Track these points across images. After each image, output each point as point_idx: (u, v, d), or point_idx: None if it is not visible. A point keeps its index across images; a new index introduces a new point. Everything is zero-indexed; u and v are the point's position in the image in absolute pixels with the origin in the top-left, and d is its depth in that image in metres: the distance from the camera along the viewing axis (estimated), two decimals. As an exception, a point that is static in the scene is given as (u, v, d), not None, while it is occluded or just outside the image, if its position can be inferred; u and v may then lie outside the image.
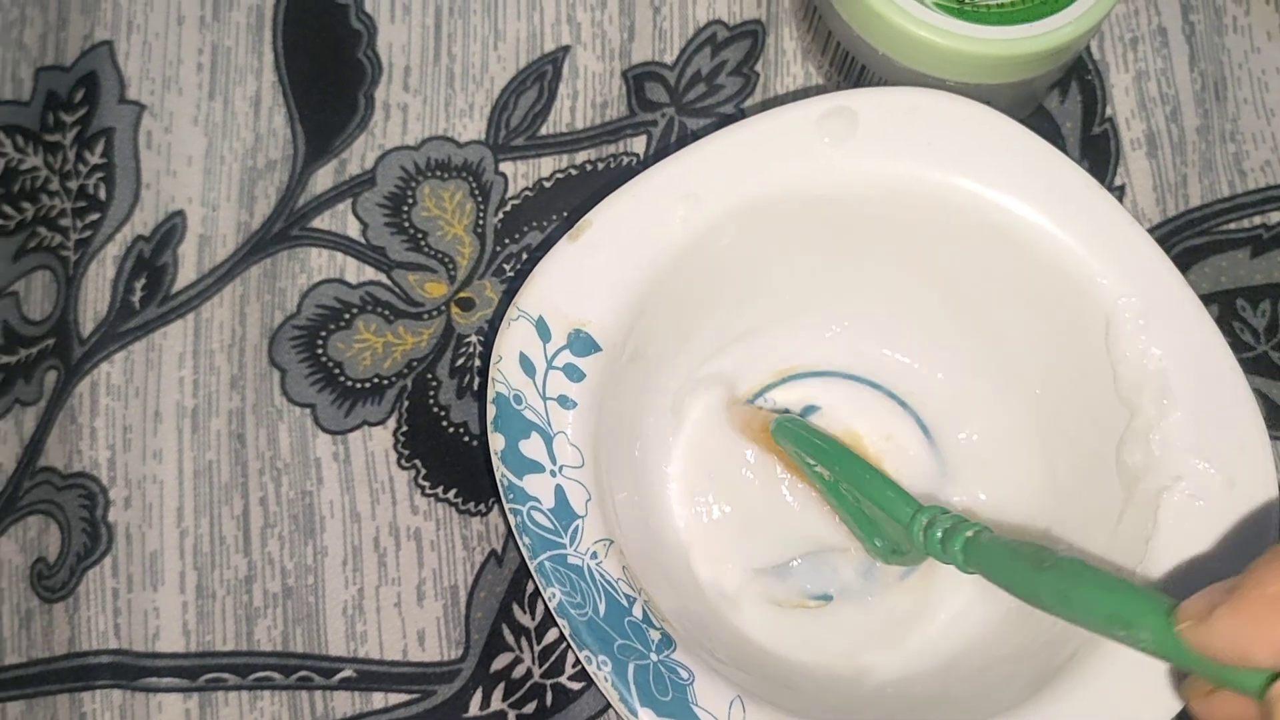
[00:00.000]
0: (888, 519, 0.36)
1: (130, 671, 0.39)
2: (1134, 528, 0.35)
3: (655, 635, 0.33)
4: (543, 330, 0.35)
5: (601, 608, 0.33)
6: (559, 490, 0.34)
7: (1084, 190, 0.36)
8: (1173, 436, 0.34)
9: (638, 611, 0.33)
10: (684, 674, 0.33)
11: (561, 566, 0.33)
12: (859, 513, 0.38)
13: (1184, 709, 0.33)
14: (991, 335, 0.40)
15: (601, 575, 0.34)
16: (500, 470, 0.34)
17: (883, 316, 0.42)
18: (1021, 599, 0.31)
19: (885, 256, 0.39)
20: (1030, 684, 0.34)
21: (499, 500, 0.41)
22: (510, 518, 0.34)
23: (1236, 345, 0.42)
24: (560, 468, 0.34)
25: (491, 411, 0.35)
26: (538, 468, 0.34)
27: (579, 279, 0.36)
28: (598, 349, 0.36)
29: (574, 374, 0.35)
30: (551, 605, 0.33)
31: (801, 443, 0.39)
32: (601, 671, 0.32)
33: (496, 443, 0.34)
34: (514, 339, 0.35)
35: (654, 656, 0.33)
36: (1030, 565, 0.31)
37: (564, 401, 0.35)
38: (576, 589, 0.33)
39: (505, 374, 0.35)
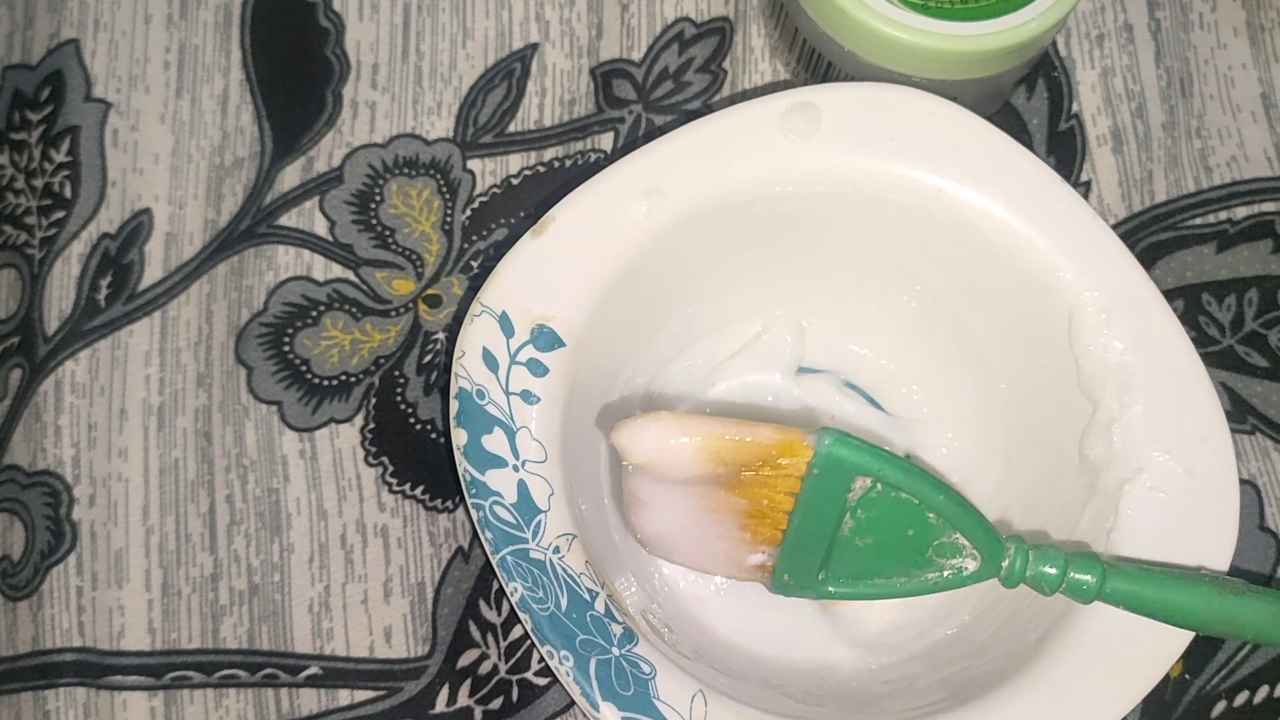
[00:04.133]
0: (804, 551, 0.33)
1: (95, 670, 0.39)
2: (1096, 519, 0.35)
3: (617, 630, 0.33)
4: (506, 325, 0.35)
5: (564, 602, 0.33)
6: (521, 485, 0.34)
7: (1047, 185, 0.36)
8: (1134, 429, 0.35)
9: (600, 606, 0.33)
10: (646, 668, 0.33)
11: (524, 561, 0.33)
12: (809, 545, 0.34)
13: (1144, 700, 0.33)
14: (958, 330, 0.40)
15: (564, 570, 0.33)
16: (463, 465, 0.34)
17: (850, 311, 0.42)
18: (1184, 624, 0.32)
19: (852, 252, 0.39)
20: (993, 676, 0.34)
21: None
22: (472, 513, 0.34)
23: (1202, 340, 0.42)
24: (523, 463, 0.34)
25: (454, 407, 0.35)
26: (500, 463, 0.34)
27: (542, 274, 0.36)
28: (561, 344, 0.36)
29: (537, 369, 0.35)
30: (513, 600, 0.33)
31: (863, 465, 0.32)
32: (564, 666, 0.32)
33: (459, 438, 0.34)
34: (477, 334, 0.35)
35: (616, 651, 0.33)
36: (1215, 590, 0.32)
37: (527, 396, 0.35)
38: (539, 584, 0.33)
39: (468, 369, 0.35)
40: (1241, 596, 0.32)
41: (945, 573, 0.33)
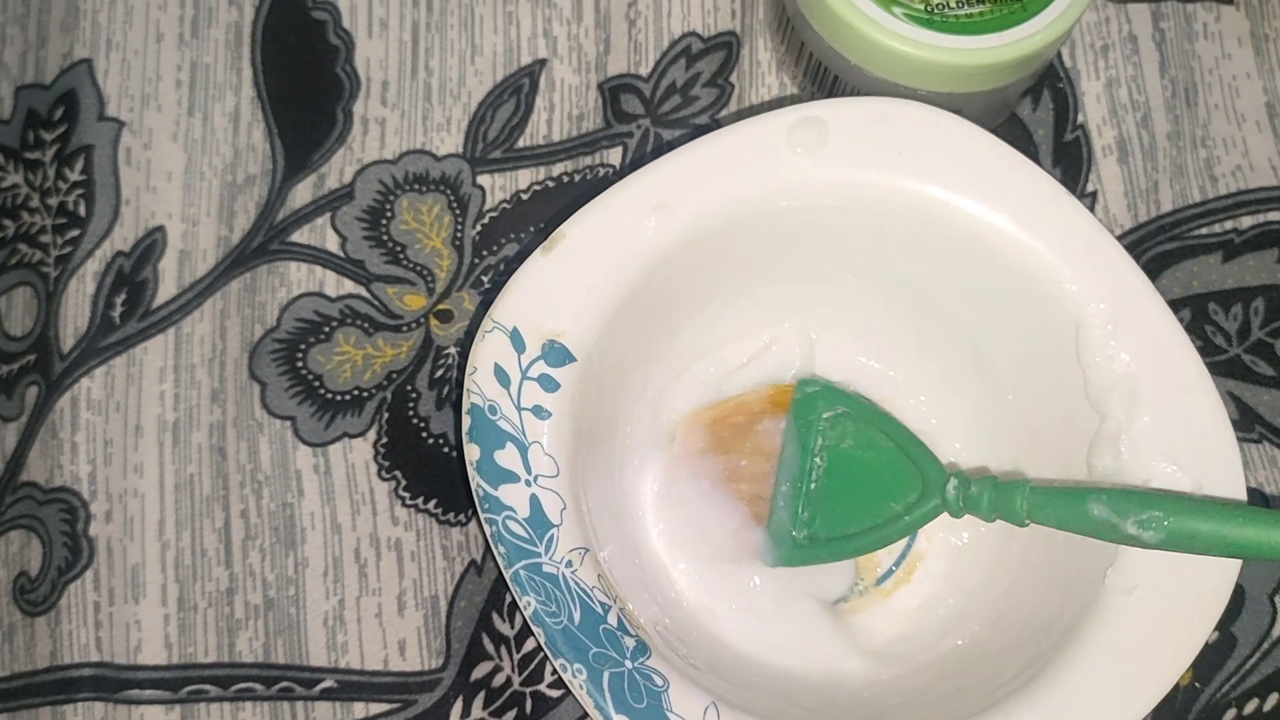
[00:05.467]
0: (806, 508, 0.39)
1: (112, 684, 0.40)
2: (1105, 530, 0.35)
3: (630, 642, 0.33)
4: (517, 341, 0.36)
5: (576, 616, 0.33)
6: (534, 500, 0.34)
7: (1053, 197, 0.36)
8: (1141, 440, 0.35)
9: (612, 619, 0.34)
10: (659, 681, 0.33)
11: (536, 575, 0.34)
12: (802, 500, 0.39)
13: (1154, 709, 0.33)
14: (965, 342, 0.40)
15: (576, 583, 0.34)
16: (475, 480, 0.34)
17: (858, 324, 0.42)
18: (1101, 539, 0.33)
19: (859, 265, 0.40)
20: (1004, 686, 0.34)
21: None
22: (485, 527, 0.34)
23: (1209, 349, 0.43)
24: (535, 477, 0.35)
25: (466, 422, 0.35)
26: (513, 477, 0.34)
27: (553, 290, 0.36)
28: (572, 359, 0.36)
29: (549, 384, 0.36)
30: (527, 614, 0.33)
31: (832, 400, 0.39)
32: (577, 679, 0.33)
33: (472, 453, 0.35)
34: (488, 350, 0.35)
35: (629, 664, 0.33)
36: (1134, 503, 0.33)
37: (539, 412, 0.35)
38: (551, 597, 0.33)
39: (480, 385, 0.35)
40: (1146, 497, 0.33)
41: (900, 508, 0.38)
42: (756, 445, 0.40)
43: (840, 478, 0.39)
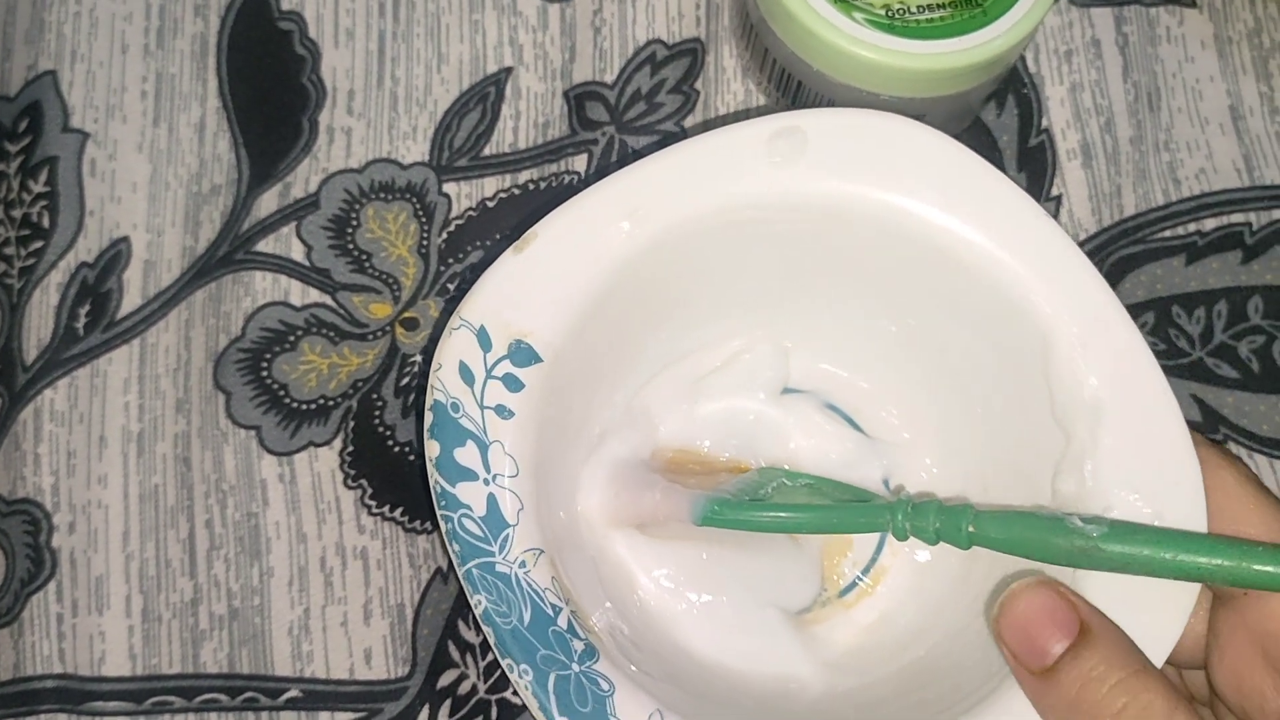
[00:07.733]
0: None
1: (76, 696, 0.39)
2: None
3: (579, 645, 0.33)
4: (484, 340, 0.35)
5: (526, 616, 0.33)
6: (491, 499, 0.34)
7: (1026, 213, 0.35)
8: (1105, 466, 0.34)
9: (562, 621, 0.33)
10: (605, 685, 0.33)
11: (489, 574, 0.33)
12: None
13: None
14: (937, 355, 0.40)
15: (529, 584, 0.34)
16: (434, 477, 0.34)
17: (831, 334, 0.42)
18: (1047, 562, 0.33)
19: (832, 275, 0.39)
20: (963, 701, 0.34)
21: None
22: (441, 524, 0.34)
23: (1172, 352, 0.43)
24: (494, 476, 0.34)
25: (429, 419, 0.35)
26: (471, 476, 0.34)
27: (522, 290, 0.36)
28: (538, 360, 0.36)
29: (513, 384, 0.35)
30: (477, 612, 0.33)
31: (741, 525, 0.37)
32: (523, 680, 0.32)
33: (432, 450, 0.34)
34: (454, 347, 0.35)
35: (576, 667, 0.33)
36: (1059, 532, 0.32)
37: (501, 411, 0.35)
38: (503, 597, 0.33)
39: (444, 382, 0.35)
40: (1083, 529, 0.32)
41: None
42: (704, 481, 0.40)
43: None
